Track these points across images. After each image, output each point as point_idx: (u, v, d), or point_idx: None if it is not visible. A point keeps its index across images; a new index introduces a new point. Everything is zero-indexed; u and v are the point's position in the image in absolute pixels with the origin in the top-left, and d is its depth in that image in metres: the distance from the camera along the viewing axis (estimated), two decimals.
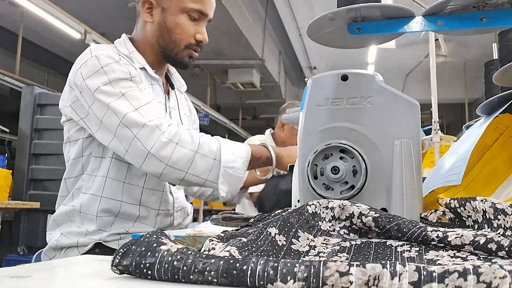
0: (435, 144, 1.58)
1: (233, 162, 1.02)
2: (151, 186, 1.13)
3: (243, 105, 9.62)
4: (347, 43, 0.76)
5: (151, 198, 1.13)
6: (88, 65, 1.05)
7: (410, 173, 0.61)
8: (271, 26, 7.12)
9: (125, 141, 1.00)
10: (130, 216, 1.11)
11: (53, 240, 1.12)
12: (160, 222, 1.15)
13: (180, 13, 1.14)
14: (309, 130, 0.68)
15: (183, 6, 1.14)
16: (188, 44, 1.17)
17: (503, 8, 0.63)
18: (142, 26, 1.20)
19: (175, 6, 1.14)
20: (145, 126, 0.98)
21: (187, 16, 1.15)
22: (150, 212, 1.14)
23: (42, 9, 4.21)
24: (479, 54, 7.05)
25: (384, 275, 0.31)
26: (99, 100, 1.02)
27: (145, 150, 0.98)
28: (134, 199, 1.11)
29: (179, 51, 1.17)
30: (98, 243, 1.09)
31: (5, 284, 0.36)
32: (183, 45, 1.16)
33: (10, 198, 3.28)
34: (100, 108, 1.02)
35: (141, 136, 0.98)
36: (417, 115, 0.65)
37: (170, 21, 1.15)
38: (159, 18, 1.16)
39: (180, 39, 1.16)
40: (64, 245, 1.11)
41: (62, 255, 1.11)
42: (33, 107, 3.42)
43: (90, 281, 0.40)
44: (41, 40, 6.67)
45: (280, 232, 0.48)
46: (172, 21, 1.15)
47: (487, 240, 0.43)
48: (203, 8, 1.16)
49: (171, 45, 1.16)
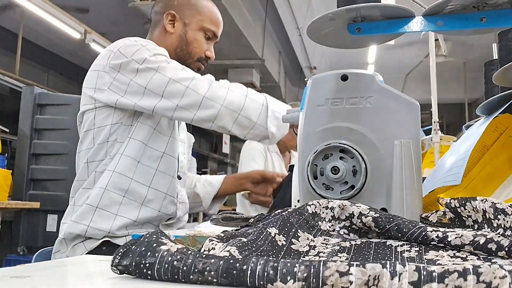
0: (435, 144, 1.58)
1: (278, 110, 1.16)
2: (163, 169, 1.20)
3: None
4: (347, 43, 0.76)
5: (161, 181, 1.20)
6: (129, 46, 1.16)
7: (410, 173, 0.61)
8: (271, 26, 7.12)
9: (176, 96, 1.11)
10: (138, 197, 1.16)
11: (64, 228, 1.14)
12: (165, 208, 1.21)
13: (199, 30, 1.31)
14: (309, 130, 0.68)
15: (202, 26, 1.32)
16: (199, 58, 1.33)
17: (503, 8, 0.63)
18: (161, 34, 1.33)
19: (195, 23, 1.31)
20: (195, 79, 1.12)
21: (204, 34, 1.32)
22: (158, 195, 1.19)
23: (42, 9, 4.21)
24: (479, 54, 7.05)
25: (384, 275, 0.31)
26: (146, 68, 1.12)
27: (199, 96, 1.10)
28: (145, 179, 1.17)
29: (192, 62, 1.32)
30: (105, 241, 1.10)
31: (5, 284, 0.36)
32: (196, 58, 1.32)
33: (10, 198, 3.28)
34: (146, 75, 1.12)
35: (193, 86, 1.11)
36: (417, 115, 0.65)
37: (190, 35, 1.31)
38: (180, 30, 1.31)
39: (195, 52, 1.32)
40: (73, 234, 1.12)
41: (69, 251, 1.12)
42: (33, 107, 3.41)
43: (90, 281, 0.40)
44: (41, 40, 6.67)
45: (280, 232, 0.48)
46: (192, 35, 1.31)
47: (487, 240, 0.43)
48: (217, 30, 1.34)
49: (187, 56, 1.31)
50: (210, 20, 1.33)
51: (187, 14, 1.32)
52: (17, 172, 3.39)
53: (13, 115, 3.77)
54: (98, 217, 1.11)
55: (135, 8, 5.02)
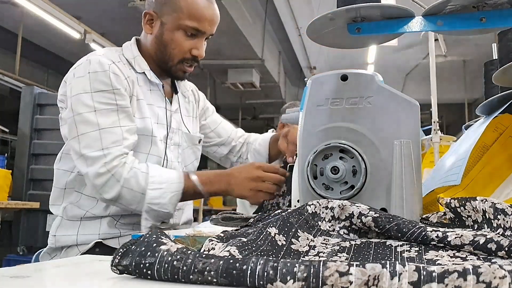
0: (434, 144, 1.58)
1: (159, 198, 1.05)
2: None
3: (242, 105, 9.63)
4: (347, 43, 0.76)
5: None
6: (80, 68, 1.10)
7: (410, 173, 0.61)
8: (271, 26, 7.12)
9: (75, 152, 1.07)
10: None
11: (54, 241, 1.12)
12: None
13: (177, 29, 1.16)
14: (309, 130, 0.68)
15: (179, 24, 1.16)
16: (183, 59, 1.19)
17: (503, 8, 0.63)
18: (144, 36, 1.23)
19: (172, 22, 1.16)
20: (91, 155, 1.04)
21: (183, 32, 1.17)
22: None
23: (42, 9, 4.21)
24: (479, 54, 7.05)
25: (384, 275, 0.31)
26: (74, 104, 1.07)
27: (84, 170, 1.05)
28: None
29: (172, 65, 1.19)
30: (98, 242, 1.09)
31: (5, 284, 0.36)
32: (177, 60, 1.19)
33: (9, 198, 3.28)
34: (68, 112, 1.08)
35: (85, 157, 1.05)
36: (416, 115, 0.65)
37: (166, 36, 1.17)
38: (157, 31, 1.18)
39: (174, 54, 1.18)
40: (64, 244, 1.11)
41: (63, 255, 1.11)
42: (33, 107, 3.42)
43: (90, 281, 0.40)
44: (41, 40, 6.67)
45: (280, 232, 0.48)
46: (168, 36, 1.17)
47: (486, 240, 0.43)
48: (199, 26, 1.17)
49: (166, 59, 1.19)
50: (189, 15, 1.16)
51: (164, 12, 1.17)
52: (16, 172, 3.40)
53: (13, 115, 3.77)
54: (83, 228, 1.11)
55: (135, 8, 5.02)
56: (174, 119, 1.24)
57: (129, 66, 1.17)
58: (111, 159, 1.04)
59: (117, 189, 1.04)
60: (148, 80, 1.20)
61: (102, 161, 1.04)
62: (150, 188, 1.05)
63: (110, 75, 1.08)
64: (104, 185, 1.04)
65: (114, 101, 1.08)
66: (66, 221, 1.13)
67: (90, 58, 1.11)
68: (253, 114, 10.49)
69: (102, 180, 1.04)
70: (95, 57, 1.11)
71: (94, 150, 1.04)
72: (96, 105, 1.07)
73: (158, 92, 1.22)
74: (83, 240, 1.10)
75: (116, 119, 1.08)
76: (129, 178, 1.04)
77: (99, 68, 1.09)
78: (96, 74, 1.08)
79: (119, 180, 1.04)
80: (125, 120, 1.09)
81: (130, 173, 1.05)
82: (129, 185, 1.04)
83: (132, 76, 1.15)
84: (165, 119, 1.21)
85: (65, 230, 1.12)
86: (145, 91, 1.18)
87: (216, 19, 1.22)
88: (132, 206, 1.06)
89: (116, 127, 1.07)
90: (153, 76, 1.20)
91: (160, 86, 1.22)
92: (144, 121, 1.14)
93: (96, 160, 1.04)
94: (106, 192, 1.04)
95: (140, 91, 1.16)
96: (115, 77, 1.09)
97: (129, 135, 1.09)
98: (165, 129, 1.20)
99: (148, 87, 1.20)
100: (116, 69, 1.11)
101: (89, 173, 1.04)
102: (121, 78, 1.10)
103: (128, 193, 1.04)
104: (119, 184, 1.04)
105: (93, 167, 1.04)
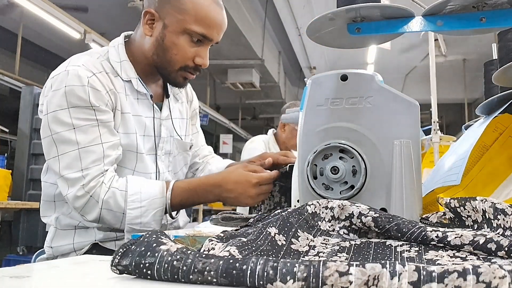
0: (434, 144, 1.58)
1: (140, 217, 1.00)
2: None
3: (242, 105, 9.63)
4: (347, 43, 0.76)
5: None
6: (57, 80, 1.02)
7: (410, 173, 0.61)
8: (270, 26, 7.13)
9: (55, 173, 1.03)
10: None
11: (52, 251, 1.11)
12: None
13: (181, 33, 1.05)
14: (309, 130, 0.68)
15: (185, 27, 1.05)
16: (184, 66, 1.09)
17: (503, 8, 0.63)
18: (141, 36, 1.11)
19: (177, 25, 1.05)
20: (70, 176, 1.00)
21: (188, 37, 1.06)
22: None
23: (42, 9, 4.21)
24: (479, 54, 7.06)
25: (384, 275, 0.31)
26: (51, 123, 1.03)
27: (65, 192, 1.01)
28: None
29: (172, 71, 1.09)
30: (95, 244, 1.08)
31: (5, 284, 0.36)
32: (178, 66, 1.08)
33: (9, 198, 3.28)
34: (46, 130, 1.04)
35: (65, 178, 1.00)
36: (416, 115, 0.65)
37: (168, 40, 1.06)
38: (158, 34, 1.07)
39: (176, 60, 1.07)
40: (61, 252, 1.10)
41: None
42: (33, 107, 3.41)
43: (90, 281, 0.40)
44: (40, 40, 6.68)
45: (279, 232, 0.48)
46: (170, 40, 1.06)
47: (486, 240, 0.43)
48: (207, 32, 1.06)
49: (165, 64, 1.09)
50: (196, 20, 1.04)
51: (167, 13, 1.05)
52: (16, 172, 3.39)
53: (13, 115, 3.77)
54: (78, 236, 1.09)
55: (135, 8, 5.02)
56: (164, 127, 1.16)
57: (114, 74, 1.08)
58: (89, 180, 0.99)
59: (97, 211, 1.00)
60: (135, 89, 1.11)
61: (80, 183, 0.99)
62: (130, 207, 0.99)
63: (88, 90, 1.00)
64: (84, 207, 1.00)
65: (93, 116, 1.01)
66: (60, 231, 1.10)
67: (69, 69, 1.02)
68: (253, 114, 10.50)
69: (81, 202, 0.99)
70: (74, 68, 1.02)
71: (74, 171, 0.99)
72: (75, 122, 0.99)
73: (145, 101, 1.13)
74: (79, 246, 1.08)
75: (97, 135, 1.01)
76: (107, 199, 0.99)
77: (77, 82, 1.00)
78: (73, 89, 0.99)
79: (98, 201, 0.99)
80: (107, 135, 1.02)
81: (108, 193, 0.99)
82: (108, 206, 0.99)
83: (117, 86, 1.06)
84: (152, 129, 1.13)
85: (61, 240, 1.09)
86: (132, 101, 1.10)
87: (224, 27, 1.12)
88: (116, 225, 1.02)
89: (96, 144, 1.00)
90: (140, 86, 1.11)
91: (148, 95, 1.12)
92: (128, 136, 1.07)
93: (75, 182, 0.99)
94: (87, 214, 1.01)
95: (126, 102, 1.08)
96: (94, 93, 1.00)
97: (112, 150, 1.02)
98: (153, 140, 1.13)
99: (135, 95, 1.11)
100: (97, 82, 1.02)
101: (68, 195, 1.00)
102: (101, 93, 1.02)
103: (108, 214, 1.00)
104: (97, 206, 0.99)
105: (72, 189, 0.99)
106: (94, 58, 1.08)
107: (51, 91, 1.03)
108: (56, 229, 1.11)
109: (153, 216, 1.00)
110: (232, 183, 0.99)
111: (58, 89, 1.01)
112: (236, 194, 0.98)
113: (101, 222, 1.02)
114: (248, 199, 0.98)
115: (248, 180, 0.97)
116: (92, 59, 1.07)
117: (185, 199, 1.03)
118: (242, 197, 0.98)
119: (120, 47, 1.13)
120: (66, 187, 1.00)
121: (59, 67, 1.06)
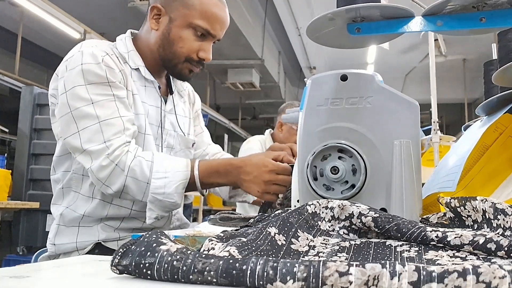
0: (434, 144, 1.58)
1: (164, 187, 1.01)
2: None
3: (242, 105, 9.63)
4: (347, 43, 0.76)
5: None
6: (72, 61, 1.05)
7: (410, 173, 0.61)
8: (270, 26, 7.13)
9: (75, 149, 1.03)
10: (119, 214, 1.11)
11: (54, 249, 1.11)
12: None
13: (186, 27, 1.11)
14: (309, 130, 0.68)
15: (190, 22, 1.11)
16: (189, 58, 1.14)
17: (503, 8, 0.63)
18: (147, 31, 1.17)
19: (182, 19, 1.11)
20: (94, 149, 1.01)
21: (193, 31, 1.12)
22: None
23: (42, 9, 4.21)
24: (479, 54, 7.06)
25: (384, 275, 0.31)
26: (70, 99, 1.03)
27: (88, 165, 1.01)
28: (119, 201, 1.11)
29: (178, 62, 1.14)
30: (97, 243, 1.08)
31: (5, 284, 0.36)
32: (183, 58, 1.14)
33: (9, 198, 3.29)
34: (64, 108, 1.03)
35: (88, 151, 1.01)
36: (416, 115, 0.65)
37: (174, 33, 1.12)
38: (164, 27, 1.13)
39: (181, 52, 1.13)
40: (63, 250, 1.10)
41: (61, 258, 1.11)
42: (33, 107, 3.42)
43: (90, 281, 0.40)
44: (40, 40, 6.68)
45: (279, 232, 0.48)
46: (176, 33, 1.12)
47: (486, 240, 0.43)
48: (211, 28, 1.12)
49: (171, 56, 1.14)
50: (201, 15, 1.11)
51: (173, 8, 1.12)
52: (16, 172, 3.40)
53: (13, 115, 3.77)
54: (82, 234, 1.09)
55: (135, 8, 5.02)
56: (168, 119, 1.20)
57: (122, 60, 1.12)
58: (113, 149, 1.00)
59: (122, 179, 1.00)
60: (143, 77, 1.15)
61: (105, 153, 1.00)
62: (155, 177, 1.01)
63: (104, 67, 1.04)
64: (108, 177, 1.00)
65: (110, 91, 1.04)
66: (63, 227, 1.11)
67: (83, 49, 1.06)
68: (253, 114, 10.49)
69: (106, 172, 1.00)
70: (88, 48, 1.06)
71: (97, 144, 1.00)
72: (93, 97, 1.02)
73: (152, 89, 1.17)
74: (82, 246, 1.09)
75: (115, 109, 1.03)
76: (133, 166, 1.01)
77: (92, 60, 1.04)
78: (89, 67, 1.03)
79: (124, 170, 1.00)
80: (124, 110, 1.05)
81: (134, 161, 1.01)
82: (134, 174, 1.01)
83: (126, 70, 1.11)
84: (156, 119, 1.16)
85: (64, 237, 1.10)
86: (139, 87, 1.14)
87: (227, 24, 1.18)
88: (138, 196, 1.02)
89: (116, 117, 1.03)
90: (148, 73, 1.15)
91: (156, 84, 1.17)
92: (138, 117, 1.11)
93: (100, 153, 1.00)
94: (112, 184, 1.01)
95: (134, 86, 1.12)
96: (109, 70, 1.05)
97: (130, 124, 1.06)
98: (156, 130, 1.16)
99: (142, 83, 1.15)
100: (110, 61, 1.06)
101: (92, 167, 1.00)
102: (115, 71, 1.06)
103: (133, 183, 1.01)
104: (123, 174, 1.00)
105: (96, 161, 1.00)
106: (104, 44, 1.13)
107: (66, 72, 1.05)
108: (59, 225, 1.12)
109: (176, 188, 1.01)
110: (250, 165, 1.02)
111: (74, 67, 1.04)
112: (251, 177, 1.01)
113: (124, 193, 1.03)
114: (261, 184, 0.99)
115: (265, 164, 1.00)
116: (102, 44, 1.12)
117: (207, 177, 1.05)
118: (256, 180, 1.00)
119: (127, 39, 1.18)
120: (90, 160, 1.01)
121: (72, 50, 1.09)
